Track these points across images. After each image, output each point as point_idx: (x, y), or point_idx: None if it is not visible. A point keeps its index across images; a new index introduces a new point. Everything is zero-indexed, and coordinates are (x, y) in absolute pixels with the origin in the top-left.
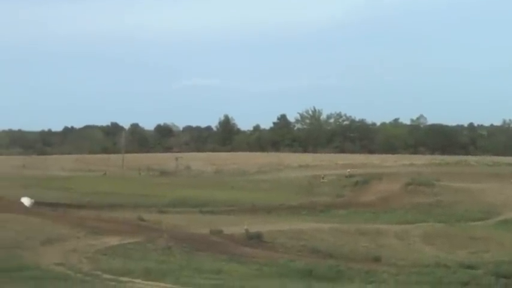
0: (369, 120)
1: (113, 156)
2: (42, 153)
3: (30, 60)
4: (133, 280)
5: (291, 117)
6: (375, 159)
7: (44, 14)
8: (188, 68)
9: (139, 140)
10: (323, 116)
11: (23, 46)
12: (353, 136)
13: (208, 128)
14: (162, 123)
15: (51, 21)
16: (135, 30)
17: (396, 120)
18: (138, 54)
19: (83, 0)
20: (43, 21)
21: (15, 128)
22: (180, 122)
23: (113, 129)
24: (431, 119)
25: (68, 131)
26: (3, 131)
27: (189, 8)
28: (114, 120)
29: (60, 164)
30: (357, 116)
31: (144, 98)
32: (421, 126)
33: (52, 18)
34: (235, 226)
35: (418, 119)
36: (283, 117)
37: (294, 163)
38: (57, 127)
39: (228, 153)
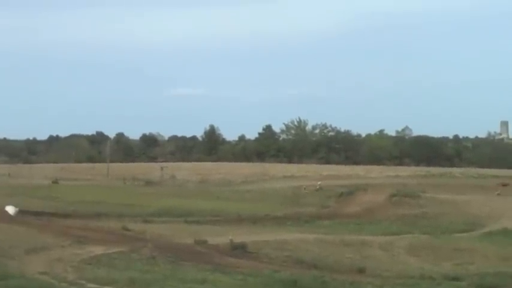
0: (354, 131)
1: (98, 165)
2: (27, 161)
3: (14, 67)
4: None
5: (277, 128)
6: (360, 170)
7: (32, 21)
8: (174, 77)
9: (125, 149)
10: (308, 127)
11: (7, 53)
12: (338, 147)
13: (194, 138)
14: (147, 132)
15: (39, 28)
16: (122, 39)
17: (381, 131)
18: (124, 63)
19: (70, 8)
20: (30, 28)
21: (0, 136)
22: (165, 131)
23: (98, 138)
24: (417, 131)
25: (53, 140)
26: None
27: (175, 18)
28: (99, 129)
29: (45, 173)
30: (343, 127)
31: (129, 108)
32: (406, 137)
33: (39, 25)
34: (220, 236)
35: (403, 130)
36: (268, 128)
37: (279, 173)
38: (43, 136)
39: (214, 163)
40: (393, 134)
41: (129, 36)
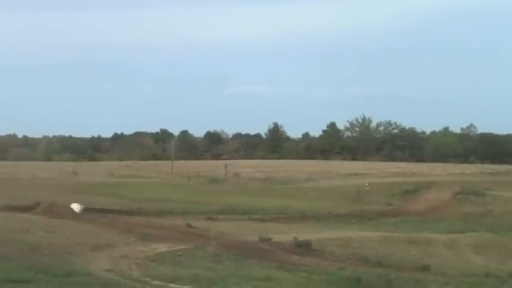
0: (419, 128)
1: (162, 162)
2: (92, 159)
3: (79, 65)
4: (182, 287)
5: (341, 125)
6: (425, 167)
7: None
8: (238, 74)
9: (189, 147)
10: (372, 124)
11: (71, 51)
12: (402, 144)
13: (258, 135)
14: (211, 130)
15: (106, 27)
16: (186, 38)
17: (446, 128)
18: (189, 61)
19: (137, 8)
20: (98, 27)
21: (65, 134)
22: (229, 129)
23: (163, 136)
24: (482, 128)
25: (118, 137)
26: (54, 137)
27: (238, 16)
28: (163, 127)
29: (110, 170)
30: (407, 124)
31: (194, 105)
32: (471, 135)
33: (106, 24)
34: (284, 234)
35: (468, 127)
36: (332, 125)
37: (343, 171)
38: (107, 133)
39: (277, 160)
40: (458, 131)
41: (194, 35)
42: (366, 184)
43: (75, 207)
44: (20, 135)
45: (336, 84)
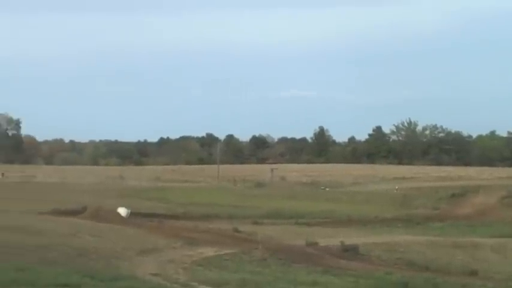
0: (465, 132)
1: (208, 167)
2: (138, 163)
3: (125, 72)
4: None
5: (386, 129)
6: (472, 171)
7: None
8: (284, 79)
9: (234, 151)
10: (418, 128)
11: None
12: (449, 148)
13: (303, 140)
14: (257, 134)
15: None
16: (233, 42)
17: (493, 132)
18: (235, 65)
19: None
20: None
21: (112, 138)
22: (275, 133)
23: (209, 140)
24: None
25: (164, 142)
26: (101, 142)
27: (286, 20)
28: (209, 131)
29: (156, 175)
30: (453, 128)
31: (239, 109)
32: None
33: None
34: (331, 238)
35: None
36: (378, 129)
37: (389, 175)
38: (153, 138)
39: (323, 164)
40: (505, 134)
41: (240, 39)
42: (396, 188)
43: (122, 211)
44: (66, 140)
45: (382, 88)
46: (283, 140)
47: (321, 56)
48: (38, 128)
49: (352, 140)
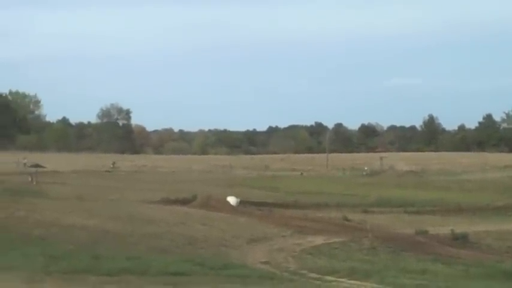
0: None
1: (317, 155)
2: (247, 152)
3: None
4: (338, 279)
5: (497, 117)
6: None
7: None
8: (392, 67)
9: (343, 139)
10: None
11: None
12: None
13: (413, 128)
14: (366, 122)
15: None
16: (341, 32)
17: None
18: (343, 55)
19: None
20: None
21: (221, 127)
22: (384, 121)
23: (317, 129)
24: None
25: (273, 131)
26: (210, 131)
27: (393, 11)
28: (318, 120)
29: (265, 163)
30: None
31: (348, 98)
32: None
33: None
34: (440, 226)
35: None
36: (488, 117)
37: (500, 163)
38: (262, 127)
39: (433, 153)
40: None
41: (347, 28)
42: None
43: (232, 200)
44: (176, 130)
45: (492, 75)
46: (393, 128)
47: (428, 43)
48: (147, 117)
49: (462, 128)
